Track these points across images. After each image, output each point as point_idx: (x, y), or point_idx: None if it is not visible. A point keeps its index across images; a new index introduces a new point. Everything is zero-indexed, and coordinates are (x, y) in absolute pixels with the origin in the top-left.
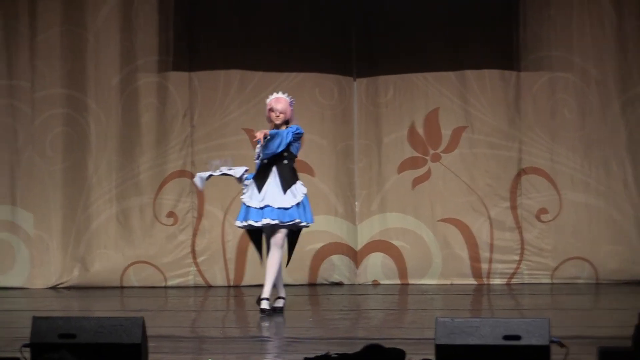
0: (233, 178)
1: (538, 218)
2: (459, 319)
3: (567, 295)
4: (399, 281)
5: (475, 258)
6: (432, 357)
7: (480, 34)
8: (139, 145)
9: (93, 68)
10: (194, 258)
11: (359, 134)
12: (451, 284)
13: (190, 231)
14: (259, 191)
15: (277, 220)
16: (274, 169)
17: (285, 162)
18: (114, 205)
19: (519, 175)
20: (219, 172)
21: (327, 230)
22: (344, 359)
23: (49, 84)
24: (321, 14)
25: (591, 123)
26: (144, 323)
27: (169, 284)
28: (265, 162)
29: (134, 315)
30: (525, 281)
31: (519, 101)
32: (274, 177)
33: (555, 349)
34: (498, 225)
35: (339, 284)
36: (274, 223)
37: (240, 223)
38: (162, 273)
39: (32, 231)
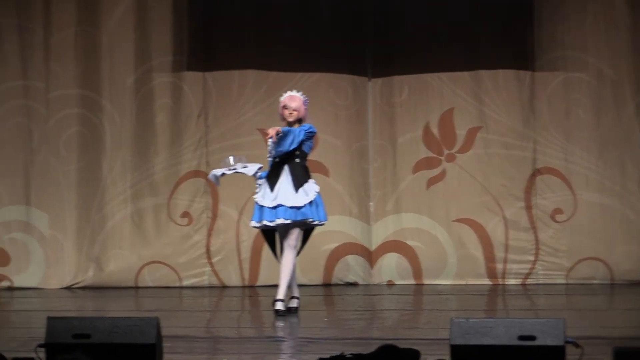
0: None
1: (553, 218)
2: (474, 320)
3: (582, 296)
4: (413, 281)
5: (490, 258)
6: (447, 358)
7: (495, 34)
8: (153, 146)
9: (107, 68)
10: (209, 258)
11: (373, 134)
12: (466, 284)
13: (205, 231)
14: (272, 190)
15: (290, 219)
16: (286, 168)
17: (297, 161)
18: (128, 205)
19: (533, 175)
20: (232, 171)
21: (342, 231)
22: (358, 359)
23: (63, 85)
24: (336, 15)
25: (606, 123)
26: (158, 323)
27: (183, 284)
28: (277, 161)
29: (148, 315)
30: (540, 281)
31: (534, 101)
32: (286, 176)
33: (571, 350)
34: (513, 225)
35: (354, 284)
36: (288, 223)
37: (255, 223)
38: (177, 273)
39: (47, 231)
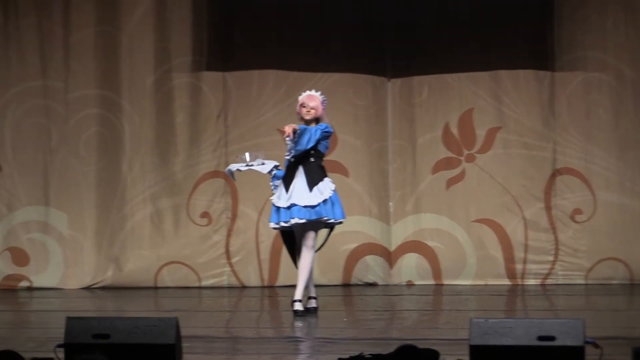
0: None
1: (572, 219)
2: (493, 320)
3: (602, 296)
4: (433, 282)
5: (509, 259)
6: (466, 358)
7: (514, 34)
8: (173, 146)
9: (127, 68)
10: (228, 258)
11: (393, 135)
12: (485, 285)
13: (224, 232)
14: (287, 191)
15: (305, 218)
16: (301, 168)
17: (312, 160)
18: (148, 205)
19: (553, 175)
20: (247, 167)
21: (361, 231)
22: (377, 359)
23: (83, 85)
24: (356, 15)
25: (626, 123)
26: (178, 323)
27: (203, 284)
28: (292, 162)
29: (168, 315)
30: (560, 282)
31: (554, 101)
32: (301, 176)
33: (590, 350)
34: (532, 225)
35: (373, 285)
36: (302, 222)
37: (272, 224)
38: (196, 273)
39: (66, 231)
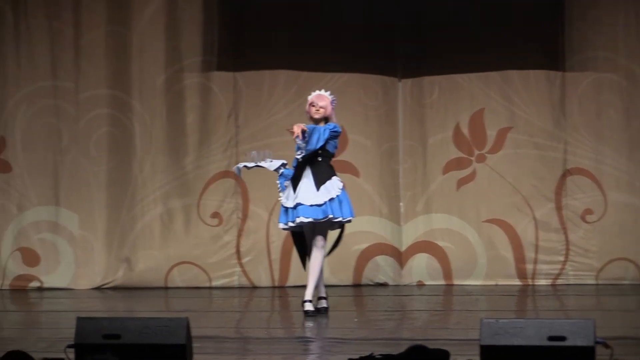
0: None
1: (583, 219)
2: (504, 320)
3: (612, 296)
4: (443, 282)
5: (520, 259)
6: (477, 358)
7: (525, 34)
8: (183, 146)
9: (137, 69)
10: (239, 259)
11: (403, 135)
12: (496, 285)
13: (235, 232)
14: (294, 191)
15: (311, 217)
16: (308, 168)
17: (319, 160)
18: (158, 205)
19: (564, 175)
20: (254, 164)
21: (372, 231)
22: (387, 359)
23: (93, 85)
24: (366, 15)
25: (637, 124)
26: (188, 324)
27: (213, 284)
28: (300, 162)
29: (178, 315)
30: (570, 282)
31: (564, 101)
32: (308, 176)
33: (601, 350)
34: (543, 226)
35: (384, 285)
36: (308, 221)
37: (281, 225)
38: (207, 273)
39: (77, 232)
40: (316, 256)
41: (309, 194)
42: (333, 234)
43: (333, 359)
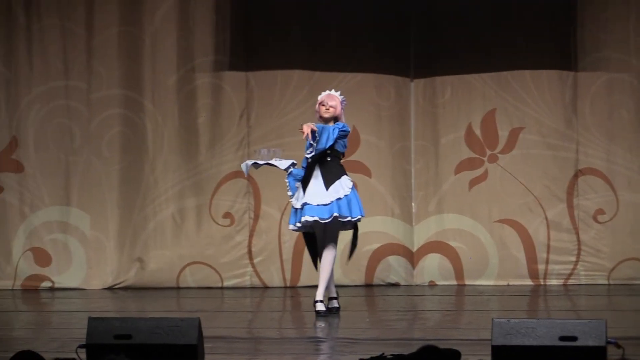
0: (279, 170)
1: (595, 219)
2: (515, 320)
3: (624, 296)
4: (455, 282)
5: (531, 259)
6: (488, 358)
7: (537, 34)
8: (195, 146)
9: (149, 69)
10: (251, 259)
11: (416, 135)
12: (507, 285)
13: (246, 232)
14: (304, 192)
15: (316, 216)
16: (318, 168)
17: (328, 160)
18: (170, 205)
19: (575, 176)
20: (263, 162)
21: (384, 231)
22: (399, 359)
23: (105, 85)
24: (379, 15)
25: None
26: (200, 324)
27: (225, 284)
28: (310, 163)
29: (190, 316)
30: (582, 282)
31: (576, 102)
32: (317, 176)
33: (612, 350)
34: (555, 226)
35: (396, 285)
36: (313, 219)
37: (291, 226)
38: (219, 274)
39: (89, 232)
40: (327, 256)
41: (317, 194)
42: (347, 235)
43: (344, 359)
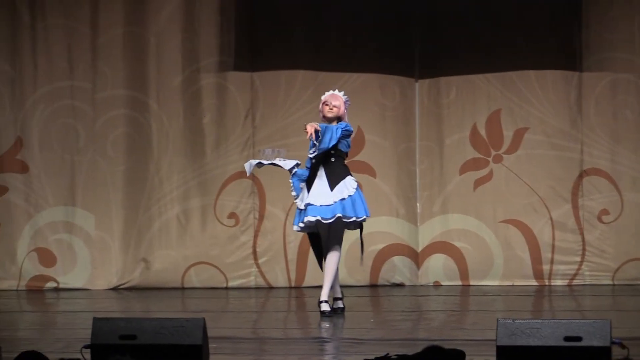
0: (284, 170)
1: (599, 219)
2: (520, 320)
3: (629, 297)
4: (460, 282)
5: (536, 259)
6: (493, 359)
7: (542, 34)
8: (200, 146)
9: (155, 69)
10: (256, 259)
11: (420, 135)
12: (512, 285)
13: (251, 232)
14: (308, 193)
15: (318, 216)
16: (322, 169)
17: (332, 160)
18: (175, 206)
19: (580, 176)
20: (268, 162)
21: (389, 232)
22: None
23: (110, 85)
24: (383, 16)
25: None
26: (204, 324)
27: (230, 285)
28: (314, 163)
29: (195, 316)
30: (587, 282)
31: (581, 102)
32: (322, 177)
33: (617, 350)
34: (560, 226)
35: (400, 285)
36: (315, 220)
37: (295, 227)
38: (224, 274)
39: (93, 232)
40: (332, 257)
41: (321, 194)
42: (352, 236)
43: (349, 359)
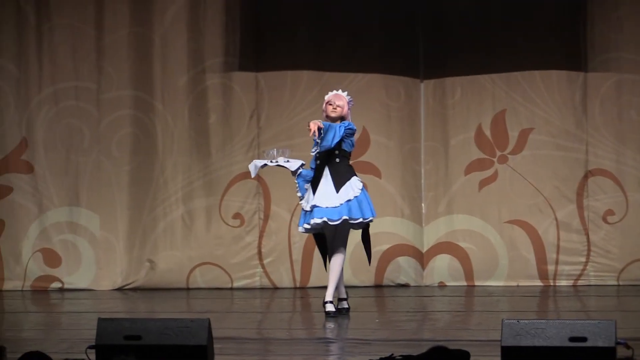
0: (288, 171)
1: (604, 220)
2: (525, 321)
3: (634, 297)
4: (465, 283)
5: (541, 260)
6: (498, 359)
7: (547, 35)
8: (205, 147)
9: (160, 70)
10: (260, 259)
11: (425, 136)
12: (517, 286)
13: (256, 232)
14: (313, 194)
15: (325, 217)
16: (327, 170)
17: (337, 161)
18: (180, 206)
19: (585, 176)
20: (274, 163)
21: (394, 232)
22: None
23: (115, 86)
24: (388, 16)
25: None
26: (209, 324)
27: (235, 285)
28: (319, 164)
29: (199, 316)
30: (592, 283)
31: (586, 102)
32: (326, 178)
33: (622, 351)
34: (565, 227)
35: (405, 286)
36: (321, 221)
37: (300, 228)
38: (229, 274)
39: (98, 232)
40: (337, 257)
41: (326, 196)
42: (357, 236)
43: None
